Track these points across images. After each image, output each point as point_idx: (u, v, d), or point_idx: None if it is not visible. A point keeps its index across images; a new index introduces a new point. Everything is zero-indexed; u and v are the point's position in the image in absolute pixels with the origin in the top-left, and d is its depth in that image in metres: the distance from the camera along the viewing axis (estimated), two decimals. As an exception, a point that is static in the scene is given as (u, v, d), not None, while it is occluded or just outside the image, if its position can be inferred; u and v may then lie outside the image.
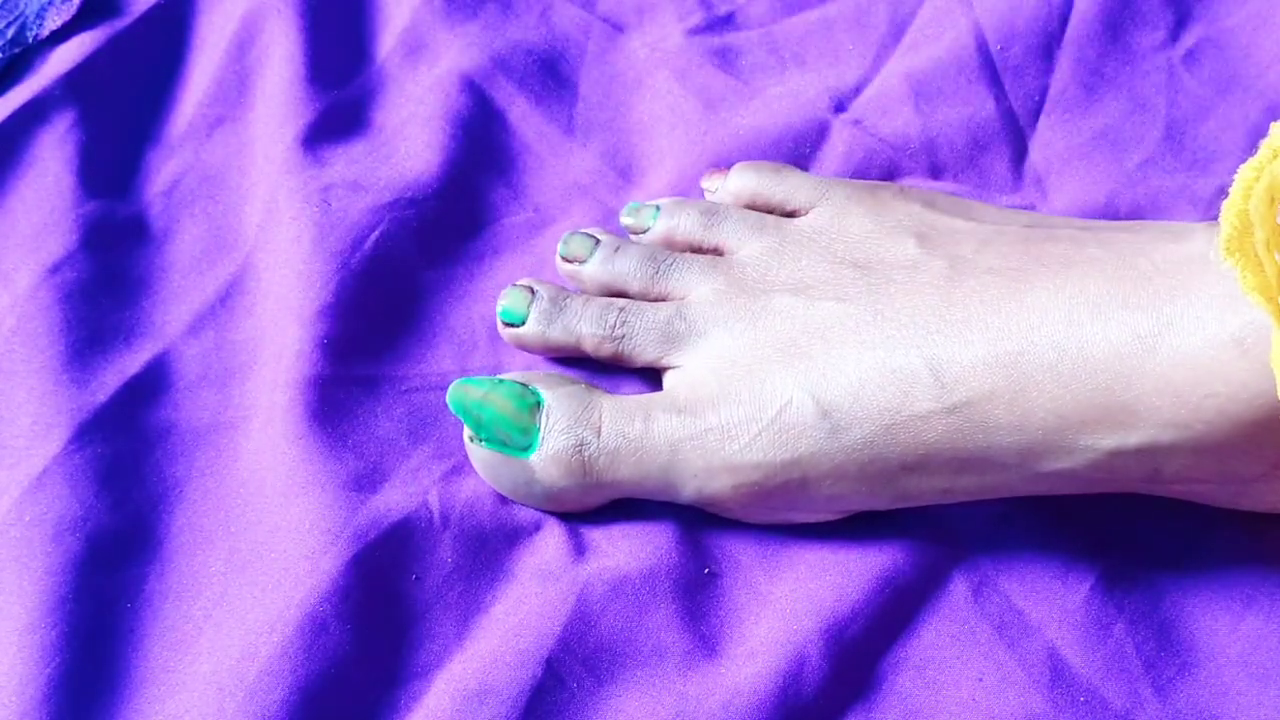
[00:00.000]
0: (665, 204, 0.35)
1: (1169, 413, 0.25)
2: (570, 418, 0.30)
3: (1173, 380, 0.25)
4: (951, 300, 0.29)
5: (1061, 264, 0.28)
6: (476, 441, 0.31)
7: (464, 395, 0.31)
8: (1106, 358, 0.26)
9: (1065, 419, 0.26)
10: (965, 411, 0.27)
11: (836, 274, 0.31)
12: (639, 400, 0.31)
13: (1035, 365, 0.27)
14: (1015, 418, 0.27)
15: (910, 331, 0.28)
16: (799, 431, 0.29)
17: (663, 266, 0.33)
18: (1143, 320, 0.25)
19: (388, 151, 0.38)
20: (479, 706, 0.28)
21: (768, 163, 0.36)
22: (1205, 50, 0.39)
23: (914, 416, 0.28)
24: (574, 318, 0.33)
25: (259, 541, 0.31)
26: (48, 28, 0.41)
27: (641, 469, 0.30)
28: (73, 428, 0.32)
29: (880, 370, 0.28)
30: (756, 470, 0.29)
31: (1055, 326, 0.26)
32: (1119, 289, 0.26)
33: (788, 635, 0.29)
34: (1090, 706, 0.28)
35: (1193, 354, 0.25)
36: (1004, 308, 0.28)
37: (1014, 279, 0.28)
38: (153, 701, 0.29)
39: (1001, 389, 0.27)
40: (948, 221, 0.32)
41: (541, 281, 0.34)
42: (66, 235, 0.36)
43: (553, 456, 0.30)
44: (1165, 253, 0.27)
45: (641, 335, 0.32)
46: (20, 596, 0.29)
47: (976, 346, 0.27)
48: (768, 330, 0.30)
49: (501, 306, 0.34)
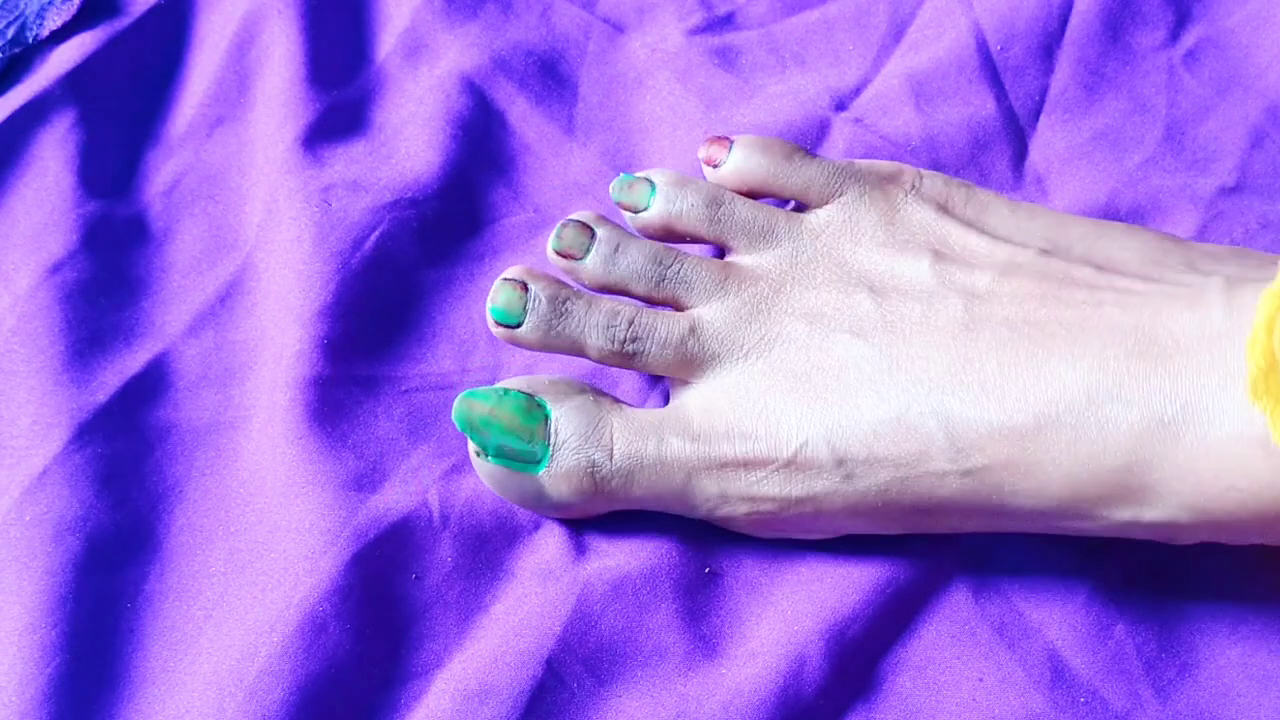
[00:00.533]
0: (661, 183, 0.33)
1: (1189, 498, 0.25)
2: (580, 436, 0.30)
3: (1195, 469, 0.25)
4: (968, 357, 0.28)
5: (1078, 327, 0.27)
6: (483, 456, 0.30)
7: (469, 410, 0.30)
8: (1127, 441, 0.25)
9: (1081, 493, 0.26)
10: (980, 475, 0.27)
11: (850, 300, 0.30)
12: (651, 419, 0.30)
13: (1052, 441, 0.26)
14: (1031, 486, 0.27)
15: (925, 389, 0.28)
16: (814, 473, 0.28)
17: (669, 272, 0.31)
18: (1165, 406, 0.25)
19: (388, 151, 0.38)
20: (479, 706, 0.28)
21: (775, 143, 0.33)
22: (1205, 50, 0.39)
23: (928, 473, 0.28)
24: (578, 326, 0.31)
25: (259, 541, 0.31)
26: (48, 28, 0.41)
27: (655, 491, 0.30)
28: (73, 428, 0.32)
29: (895, 426, 0.28)
30: (771, 502, 0.29)
31: (1074, 404, 0.26)
32: (1139, 367, 0.25)
33: (788, 636, 0.29)
34: (1090, 708, 0.28)
35: (1216, 447, 0.24)
36: (1020, 376, 0.27)
37: (1030, 340, 0.27)
38: (153, 701, 0.29)
39: (1017, 460, 0.26)
40: (962, 236, 0.31)
41: (535, 274, 0.31)
42: (66, 235, 0.36)
43: (563, 474, 0.30)
44: (1184, 325, 0.26)
45: (654, 353, 0.31)
46: (20, 596, 0.29)
47: (991, 415, 0.27)
48: (782, 360, 0.30)
49: (493, 305, 0.31)
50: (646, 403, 0.33)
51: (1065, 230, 0.31)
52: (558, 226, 0.32)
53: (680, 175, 0.33)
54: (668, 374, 0.31)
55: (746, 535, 0.31)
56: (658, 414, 0.30)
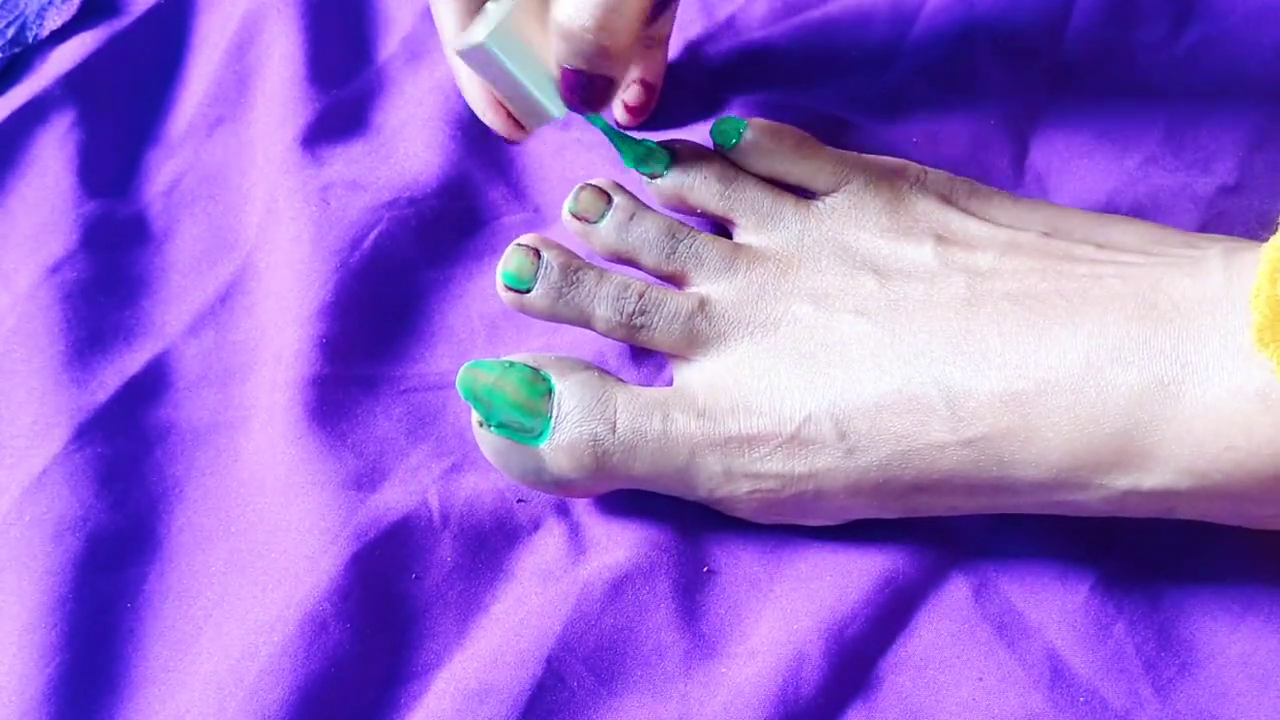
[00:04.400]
0: (680, 151, 0.33)
1: (1187, 461, 0.25)
2: (584, 409, 0.30)
3: (1193, 430, 0.25)
4: (969, 329, 0.28)
5: (1079, 297, 0.27)
6: (486, 427, 0.30)
7: (474, 380, 0.30)
8: (1126, 403, 0.25)
9: (1081, 460, 0.26)
10: (980, 445, 0.27)
11: (855, 282, 0.30)
12: (655, 396, 0.30)
13: (1052, 406, 0.26)
14: (1030, 454, 0.27)
15: (927, 360, 0.28)
16: (817, 448, 0.29)
17: (680, 246, 0.32)
18: (1164, 367, 0.25)
19: (387, 151, 0.38)
20: (479, 706, 0.28)
21: (786, 129, 0.33)
22: (1205, 49, 0.39)
23: (929, 445, 0.28)
24: (587, 296, 0.31)
25: (259, 541, 0.31)
26: (48, 28, 0.41)
27: (657, 468, 0.30)
28: (73, 428, 0.32)
29: (897, 398, 0.28)
30: (774, 480, 0.29)
31: (1073, 368, 0.26)
32: (1138, 330, 0.26)
33: (788, 634, 0.29)
34: (1090, 707, 0.28)
35: (1215, 405, 0.24)
36: (1021, 344, 0.27)
37: (1031, 310, 0.28)
38: (153, 701, 0.29)
39: (1017, 427, 0.27)
40: (963, 223, 0.31)
41: (549, 243, 0.32)
42: (66, 235, 0.36)
43: (564, 447, 0.30)
44: (1184, 290, 0.26)
45: (661, 328, 0.31)
46: (20, 596, 0.29)
47: (993, 382, 0.27)
48: (787, 339, 0.30)
49: (504, 269, 0.31)
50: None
51: (1066, 218, 0.32)
52: (575, 189, 0.33)
53: (700, 147, 0.34)
54: (673, 350, 0.31)
55: (745, 533, 0.31)
56: (663, 391, 0.31)
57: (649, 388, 0.31)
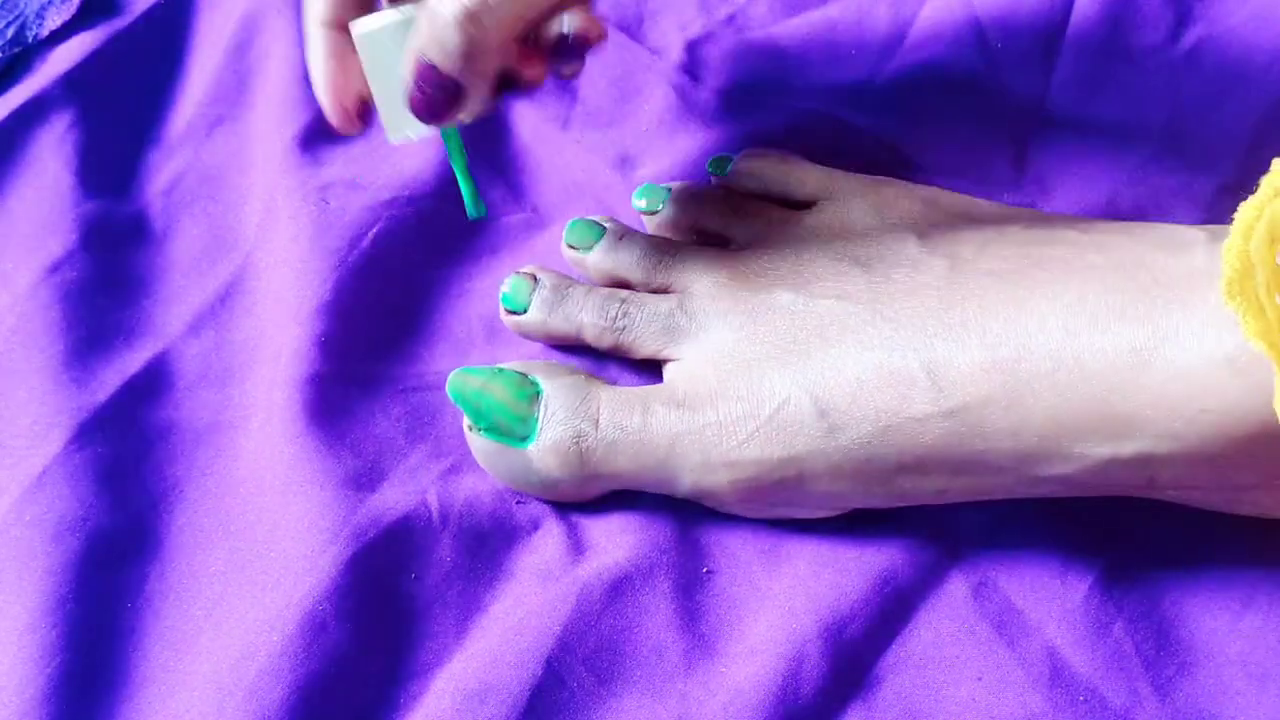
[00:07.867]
0: (677, 187, 0.36)
1: (1164, 425, 0.25)
2: (568, 409, 0.30)
3: (1167, 394, 0.25)
4: (950, 303, 0.29)
5: (1061, 270, 0.28)
6: (475, 431, 0.31)
7: (463, 384, 0.31)
8: (1103, 369, 0.26)
9: (1061, 427, 0.27)
10: (962, 416, 0.27)
11: (837, 270, 0.31)
12: (638, 392, 0.31)
13: (1032, 373, 0.27)
14: (1011, 424, 0.27)
15: (908, 333, 0.28)
16: (796, 429, 0.29)
17: (665, 258, 0.33)
18: (1139, 334, 0.26)
19: (386, 151, 0.38)
20: (479, 706, 0.28)
21: (775, 152, 0.36)
22: (1205, 50, 0.39)
23: (911, 419, 0.28)
24: (576, 307, 0.33)
25: (259, 541, 0.31)
26: (48, 27, 0.41)
27: (639, 461, 0.30)
28: (73, 428, 0.32)
29: (878, 372, 0.28)
30: (753, 466, 0.29)
31: (1052, 335, 0.27)
32: (1117, 300, 0.26)
33: (787, 634, 0.29)
34: (1089, 706, 0.28)
35: (1187, 369, 0.25)
36: (1002, 313, 0.28)
37: (1012, 283, 0.28)
38: (153, 701, 0.29)
39: (998, 395, 0.27)
40: (949, 220, 0.32)
41: (545, 269, 0.34)
42: (66, 235, 0.36)
43: (550, 447, 0.30)
44: (1165, 265, 0.27)
45: (642, 327, 0.32)
46: (20, 596, 0.29)
47: (974, 351, 0.27)
48: (767, 326, 0.31)
49: (504, 293, 0.34)
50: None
51: (1050, 219, 0.33)
52: (571, 221, 0.35)
53: (693, 182, 0.36)
54: (658, 351, 0.32)
55: (745, 533, 0.31)
56: (646, 387, 0.31)
57: (633, 386, 0.31)
